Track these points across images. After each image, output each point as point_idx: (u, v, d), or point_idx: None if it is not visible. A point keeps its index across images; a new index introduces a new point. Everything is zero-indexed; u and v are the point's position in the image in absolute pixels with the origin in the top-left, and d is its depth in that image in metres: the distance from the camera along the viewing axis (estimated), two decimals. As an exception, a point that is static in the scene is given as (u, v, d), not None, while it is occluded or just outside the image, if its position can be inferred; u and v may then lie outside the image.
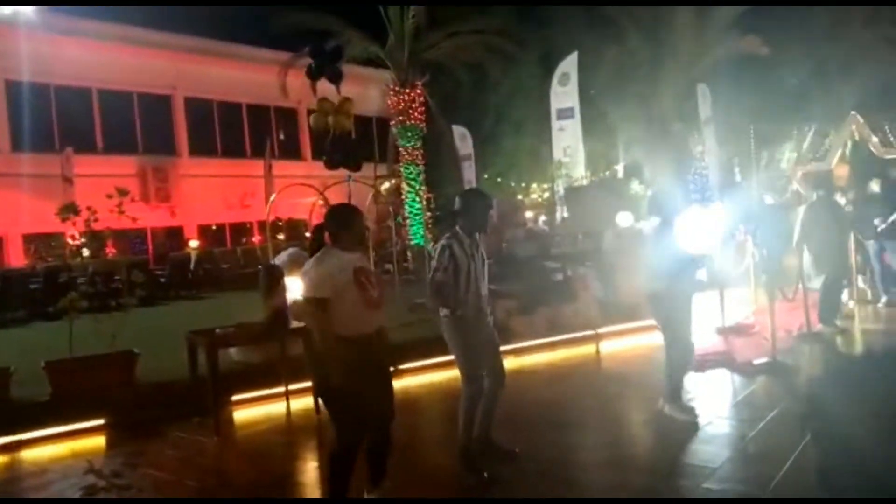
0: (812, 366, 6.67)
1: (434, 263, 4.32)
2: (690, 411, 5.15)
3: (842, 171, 15.85)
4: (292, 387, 6.32)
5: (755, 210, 11.01)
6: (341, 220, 3.70)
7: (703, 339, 7.70)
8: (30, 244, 17.89)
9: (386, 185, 18.90)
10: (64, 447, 5.64)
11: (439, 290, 4.23)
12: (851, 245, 8.74)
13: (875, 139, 14.01)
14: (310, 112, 20.46)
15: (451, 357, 7.41)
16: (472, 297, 4.31)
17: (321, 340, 3.57)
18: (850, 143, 15.56)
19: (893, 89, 17.09)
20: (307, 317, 3.67)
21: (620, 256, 9.63)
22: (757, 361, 6.54)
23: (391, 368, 3.97)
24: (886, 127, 14.58)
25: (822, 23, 18.38)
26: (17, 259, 17.56)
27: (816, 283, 8.28)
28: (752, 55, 16.78)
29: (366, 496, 3.85)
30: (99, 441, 5.78)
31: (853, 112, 14.25)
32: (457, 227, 4.38)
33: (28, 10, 16.91)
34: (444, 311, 4.32)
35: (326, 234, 3.72)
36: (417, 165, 16.26)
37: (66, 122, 18.79)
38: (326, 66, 10.09)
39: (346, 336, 3.52)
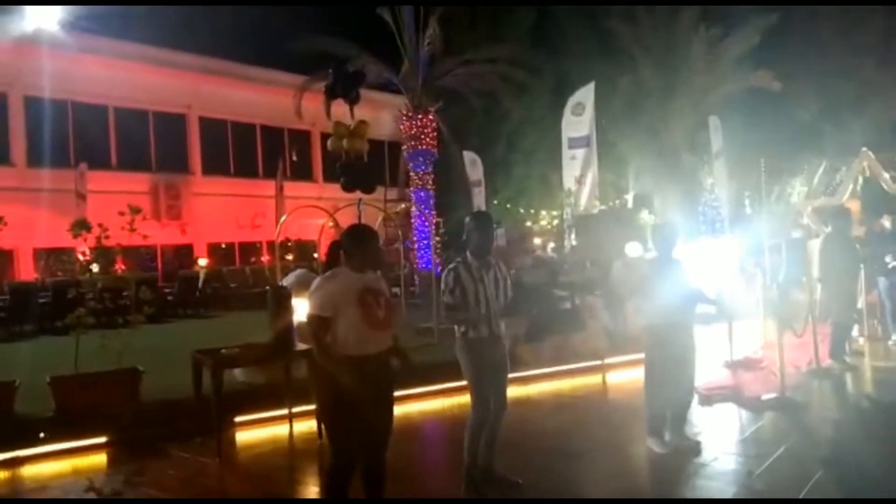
0: (821, 402, 6.59)
1: (443, 286, 4.38)
2: (689, 443, 5.17)
3: (853, 207, 15.80)
4: (296, 409, 6.29)
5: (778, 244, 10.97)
6: (355, 240, 3.68)
7: (711, 372, 7.66)
8: (40, 258, 18.01)
9: (397, 208, 18.97)
10: (66, 464, 5.62)
11: (448, 312, 4.35)
12: (862, 281, 8.68)
13: (886, 176, 13.97)
14: (323, 135, 20.70)
15: (458, 383, 7.44)
16: (482, 321, 4.33)
17: (320, 358, 3.56)
18: (861, 180, 15.53)
19: (904, 127, 17.12)
20: (308, 334, 3.63)
21: (629, 287, 9.61)
22: (765, 397, 6.47)
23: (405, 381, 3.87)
24: (898, 164, 14.55)
25: (834, 59, 18.47)
26: (27, 273, 17.67)
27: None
28: (764, 89, 16.85)
29: None
30: (101, 458, 5.76)
31: (864, 148, 14.24)
32: (467, 251, 4.44)
33: (50, 27, 17.19)
34: (457, 332, 4.38)
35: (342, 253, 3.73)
36: (428, 190, 16.33)
37: (81, 138, 19.03)
38: (349, 89, 10.18)
39: (346, 355, 3.52)
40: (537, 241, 18.71)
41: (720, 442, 5.40)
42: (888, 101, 18.28)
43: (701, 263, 10.51)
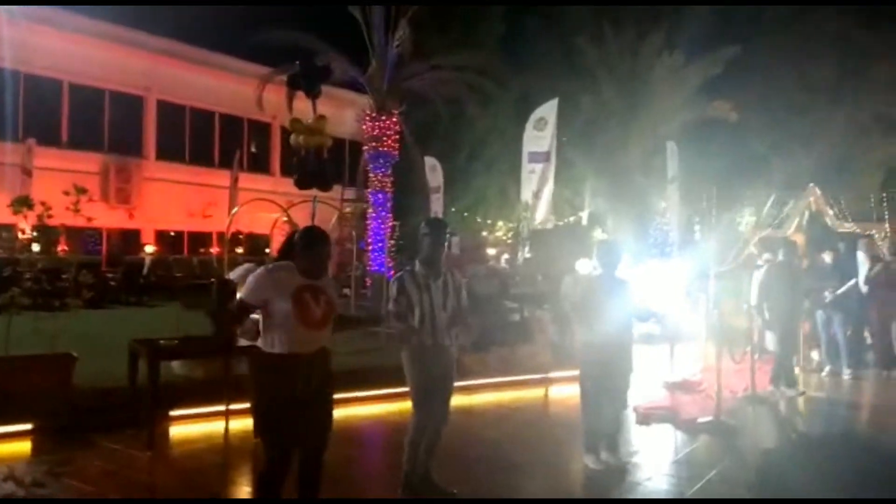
0: (754, 428, 6.75)
1: (388, 294, 4.43)
2: (619, 462, 5.23)
3: (798, 240, 16.31)
4: (234, 406, 6.13)
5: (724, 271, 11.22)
6: (304, 243, 3.61)
7: (650, 392, 7.78)
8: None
9: (352, 208, 18.86)
10: (-14, 450, 5.39)
11: (391, 320, 4.41)
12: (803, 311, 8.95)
13: (831, 212, 14.47)
14: (283, 128, 20.42)
15: (403, 388, 7.41)
16: (426, 328, 4.32)
17: (257, 357, 3.56)
18: (807, 214, 16.04)
19: (848, 166, 17.74)
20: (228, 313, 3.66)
21: (576, 302, 9.72)
22: (701, 419, 6.60)
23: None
24: (842, 200, 15.10)
25: (789, 94, 19.07)
26: (-38, 247, 16.97)
27: (771, 344, 8.43)
28: (721, 119, 17.30)
29: None
30: (25, 446, 5.54)
31: (812, 184, 14.74)
32: (416, 259, 4.43)
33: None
34: (403, 340, 4.38)
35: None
36: (386, 192, 16.24)
37: (32, 112, 18.38)
38: (314, 82, 10.07)
39: (276, 353, 3.47)
40: (492, 251, 18.79)
41: (654, 462, 5.49)
42: (835, 140, 18.95)
43: (648, 285, 10.72)
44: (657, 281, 11.41)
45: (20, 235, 8.91)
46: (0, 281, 10.11)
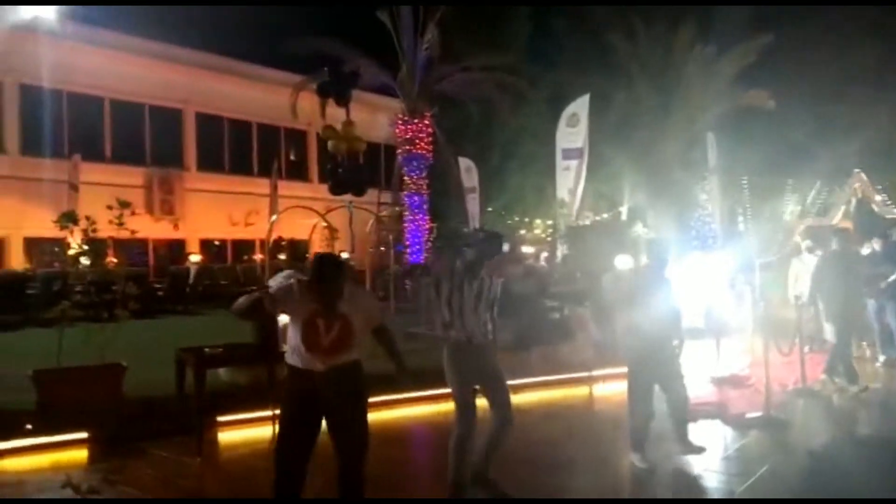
0: (805, 422, 6.59)
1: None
2: (693, 448, 5.26)
3: (845, 227, 15.88)
4: (278, 411, 6.23)
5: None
6: (314, 275, 3.55)
7: (697, 388, 7.64)
8: (31, 248, 17.88)
9: (389, 212, 18.94)
10: (45, 458, 5.56)
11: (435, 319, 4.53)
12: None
13: (878, 198, 14.05)
14: (319, 135, 20.65)
15: (445, 389, 7.43)
16: (457, 324, 4.38)
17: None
18: (854, 201, 15.60)
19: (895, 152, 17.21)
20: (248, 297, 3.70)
21: (618, 299, 9.62)
22: (750, 415, 6.47)
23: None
24: (889, 187, 14.66)
25: (828, 81, 18.58)
26: (17, 262, 17.54)
27: (829, 335, 8.21)
28: (758, 108, 16.91)
29: None
30: (80, 454, 5.70)
31: (857, 170, 14.32)
32: (458, 259, 4.52)
33: (49, 16, 17.11)
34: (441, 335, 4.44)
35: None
36: (421, 195, 16.32)
37: (76, 129, 18.93)
38: (343, 89, 10.15)
39: (291, 364, 3.61)
40: (530, 250, 18.70)
41: (703, 459, 5.39)
42: (881, 125, 18.38)
43: (691, 279, 10.55)
44: (701, 275, 11.21)
45: (69, 250, 9.16)
46: (52, 294, 10.44)
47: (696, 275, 11.03)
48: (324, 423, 3.65)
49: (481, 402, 4.48)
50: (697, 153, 17.77)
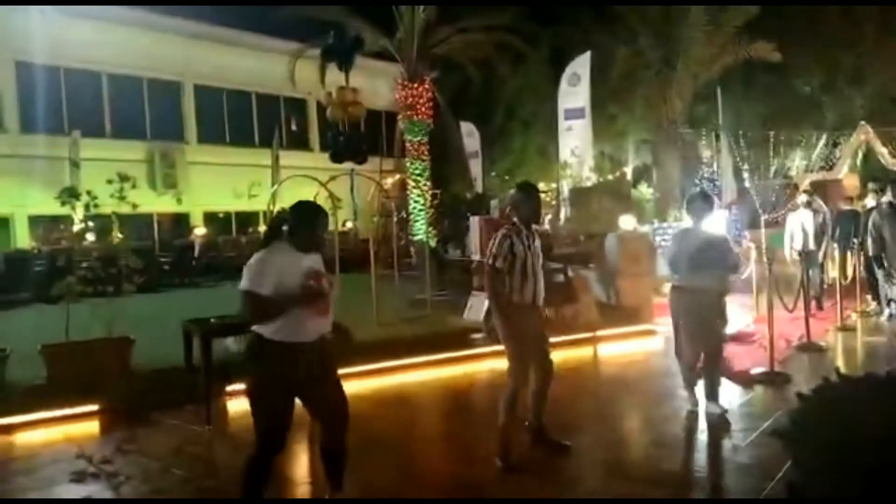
0: (811, 378, 6.62)
1: (493, 250, 4.43)
2: (715, 412, 5.33)
3: (851, 182, 15.76)
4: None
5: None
6: (304, 218, 3.48)
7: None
8: (36, 226, 17.94)
9: (391, 179, 18.90)
10: (57, 431, 5.65)
11: (493, 277, 4.42)
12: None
13: (885, 151, 13.92)
14: (320, 103, 20.47)
15: (448, 354, 7.48)
16: (528, 288, 4.42)
17: (250, 338, 3.44)
18: (860, 154, 15.44)
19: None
20: (247, 308, 3.36)
21: (622, 260, 9.62)
22: (755, 370, 6.50)
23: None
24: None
25: (833, 29, 18.25)
26: (23, 240, 17.62)
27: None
28: (764, 61, 16.66)
29: (327, 497, 3.74)
30: (92, 426, 5.79)
31: (863, 122, 14.16)
32: (514, 220, 4.54)
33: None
34: (496, 300, 4.44)
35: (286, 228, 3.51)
36: (423, 161, 16.21)
37: (75, 105, 18.85)
38: (348, 54, 10.04)
39: (278, 340, 3.32)
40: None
41: (708, 414, 5.43)
42: (887, 74, 18.11)
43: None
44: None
45: (74, 226, 9.18)
46: (58, 271, 10.50)
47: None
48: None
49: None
50: (701, 110, 17.58)
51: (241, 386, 6.34)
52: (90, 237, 7.81)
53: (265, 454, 3.49)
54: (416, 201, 16.01)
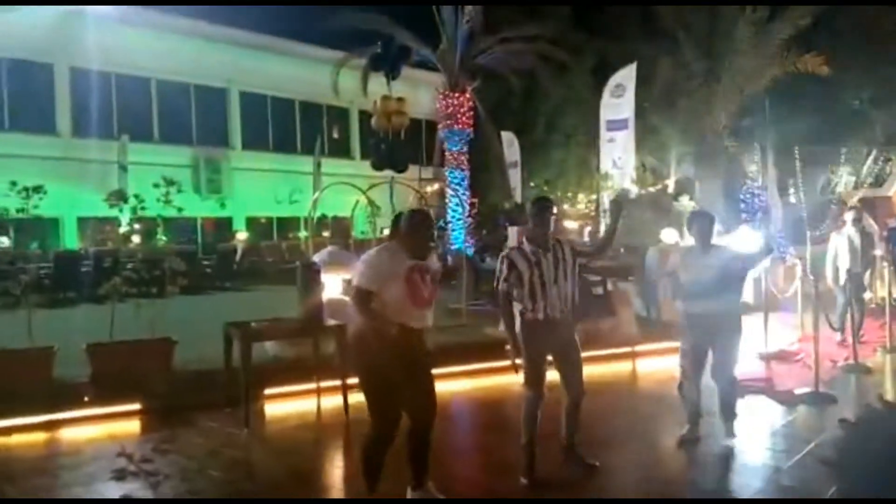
0: (857, 399, 6.42)
1: (496, 273, 4.45)
2: (727, 441, 5.07)
3: (901, 198, 15.30)
4: (323, 384, 6.35)
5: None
6: (407, 224, 3.77)
7: (745, 364, 7.51)
8: (84, 227, 18.44)
9: (430, 188, 18.94)
10: (100, 429, 5.77)
11: (496, 298, 4.51)
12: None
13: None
14: (361, 112, 20.68)
15: (486, 364, 7.44)
16: (539, 304, 4.33)
17: (366, 325, 3.66)
18: (911, 170, 14.97)
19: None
20: (353, 303, 3.72)
21: (663, 274, 9.47)
22: (798, 391, 6.34)
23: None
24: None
25: (887, 45, 17.79)
26: (71, 241, 18.14)
27: None
28: (813, 74, 16.30)
29: (409, 496, 3.89)
30: (133, 425, 5.91)
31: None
32: (521, 237, 4.58)
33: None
34: (517, 314, 4.44)
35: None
36: (462, 170, 16.25)
37: (124, 110, 19.37)
38: (395, 64, 10.12)
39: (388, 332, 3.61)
40: (573, 225, 18.51)
41: (749, 434, 5.31)
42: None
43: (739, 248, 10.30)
44: (748, 247, 10.95)
45: (120, 228, 9.41)
46: (104, 271, 10.77)
47: (744, 248, 10.77)
48: None
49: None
50: (747, 122, 17.25)
51: (278, 389, 6.49)
52: (136, 239, 7.99)
53: (382, 439, 3.68)
54: (454, 210, 16.04)
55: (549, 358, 4.48)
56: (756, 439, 5.26)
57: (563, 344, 4.45)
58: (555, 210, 4.57)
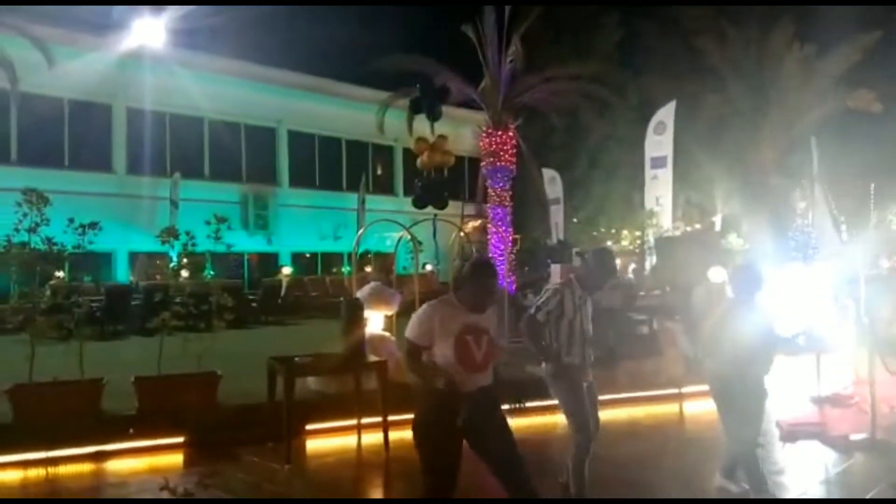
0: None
1: (539, 302, 4.40)
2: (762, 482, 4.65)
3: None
4: (365, 420, 6.35)
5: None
6: (470, 274, 3.55)
7: (797, 407, 7.27)
8: (135, 261, 18.97)
9: (473, 224, 19.01)
10: (144, 461, 5.86)
11: (532, 328, 4.36)
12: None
13: None
14: (405, 150, 20.95)
15: (525, 403, 7.33)
16: (576, 349, 4.37)
17: (416, 380, 3.56)
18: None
19: None
20: (405, 355, 3.63)
21: (711, 314, 9.26)
22: (854, 437, 6.09)
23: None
24: None
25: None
26: (122, 275, 18.65)
27: None
28: (863, 110, 16.01)
29: None
30: (177, 458, 5.98)
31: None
32: (572, 276, 4.51)
33: (154, 43, 18.16)
34: (549, 361, 4.38)
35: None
36: (505, 207, 16.26)
37: (177, 149, 20.03)
38: (434, 104, 10.27)
39: (439, 389, 3.41)
40: (617, 262, 18.32)
41: (801, 482, 5.11)
42: None
43: (790, 292, 10.04)
44: (800, 287, 10.66)
45: (170, 263, 9.65)
46: (154, 305, 11.01)
47: (795, 288, 10.50)
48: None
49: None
50: (796, 158, 16.98)
51: (320, 425, 6.51)
52: (184, 273, 8.16)
53: (433, 496, 3.52)
54: (496, 247, 16.02)
55: None
56: (808, 486, 5.05)
57: (591, 387, 4.48)
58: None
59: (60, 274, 8.61)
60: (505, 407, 3.97)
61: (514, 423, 6.53)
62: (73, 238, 6.80)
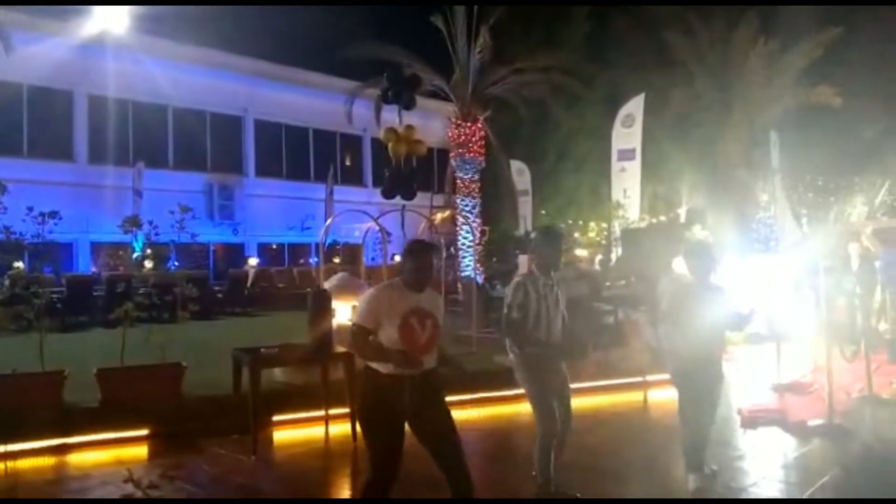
0: (872, 431, 6.32)
1: (508, 300, 4.36)
2: (707, 478, 4.76)
3: (916, 229, 15.18)
4: (332, 411, 6.34)
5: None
6: (407, 255, 3.62)
7: (757, 394, 7.43)
8: (97, 252, 18.61)
9: (441, 215, 19.02)
10: (108, 453, 5.77)
11: (510, 328, 4.33)
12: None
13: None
14: (374, 140, 20.87)
15: (495, 393, 7.41)
16: (542, 336, 4.32)
17: (361, 364, 3.58)
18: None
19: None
20: (350, 339, 3.66)
21: (675, 304, 9.40)
22: (812, 422, 6.25)
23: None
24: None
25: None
26: (85, 265, 18.29)
27: None
28: (825, 105, 16.34)
29: None
30: (141, 450, 5.90)
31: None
32: (532, 266, 4.45)
33: (115, 30, 17.76)
34: (514, 349, 4.38)
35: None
36: (474, 198, 16.32)
37: (140, 137, 19.63)
38: (404, 94, 10.21)
39: (383, 372, 3.49)
40: (584, 253, 18.48)
41: (761, 467, 5.23)
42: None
43: (752, 282, 10.24)
44: (762, 277, 10.89)
45: (133, 253, 9.51)
46: (116, 296, 10.83)
47: (757, 278, 10.72)
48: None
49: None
50: (759, 152, 17.28)
51: (286, 416, 6.47)
52: (148, 264, 8.04)
53: (379, 482, 3.55)
54: (464, 237, 16.08)
55: None
56: (768, 471, 5.17)
57: (560, 374, 4.44)
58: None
59: (19, 264, 8.41)
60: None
61: (487, 412, 6.58)
62: (32, 227, 6.66)
